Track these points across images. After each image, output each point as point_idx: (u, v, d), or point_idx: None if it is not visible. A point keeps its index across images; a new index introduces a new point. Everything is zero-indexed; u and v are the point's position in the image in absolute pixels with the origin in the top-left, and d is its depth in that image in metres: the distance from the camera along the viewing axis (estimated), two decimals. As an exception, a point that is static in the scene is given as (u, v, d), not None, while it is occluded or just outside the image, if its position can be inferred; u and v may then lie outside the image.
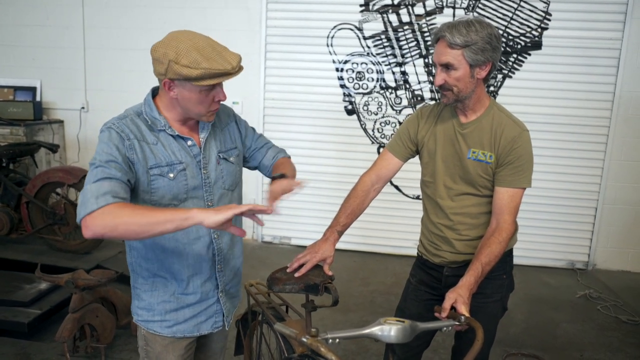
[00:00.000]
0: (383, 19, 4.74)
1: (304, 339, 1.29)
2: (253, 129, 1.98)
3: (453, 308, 1.59)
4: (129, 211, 1.41)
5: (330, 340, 1.32)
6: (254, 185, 5.15)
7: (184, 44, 1.48)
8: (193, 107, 1.56)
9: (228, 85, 5.63)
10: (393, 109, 4.88)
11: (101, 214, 1.39)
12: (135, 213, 1.41)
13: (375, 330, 1.35)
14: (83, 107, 5.32)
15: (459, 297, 1.61)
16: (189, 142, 1.63)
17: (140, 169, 1.55)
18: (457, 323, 1.51)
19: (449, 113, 1.96)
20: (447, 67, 1.79)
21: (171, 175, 1.59)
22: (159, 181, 1.57)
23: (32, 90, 5.35)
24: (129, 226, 1.40)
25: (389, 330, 1.35)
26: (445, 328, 1.52)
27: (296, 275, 1.72)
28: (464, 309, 1.57)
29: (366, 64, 4.83)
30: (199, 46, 1.49)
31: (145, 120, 1.59)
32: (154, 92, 1.65)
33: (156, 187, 1.58)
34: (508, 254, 2.01)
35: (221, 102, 1.69)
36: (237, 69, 1.53)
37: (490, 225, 1.87)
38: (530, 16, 4.57)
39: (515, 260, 2.10)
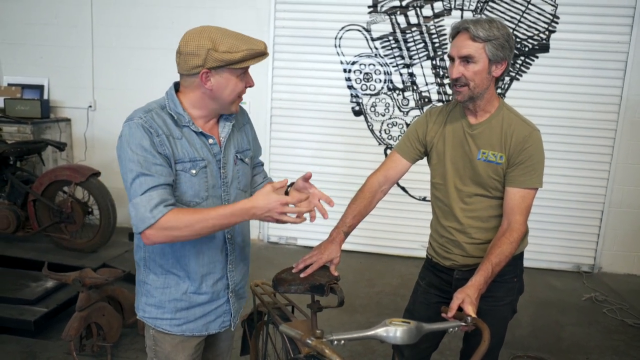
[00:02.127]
0: (391, 21, 4.74)
1: (309, 341, 1.28)
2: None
3: (460, 309, 1.58)
4: (188, 217, 1.48)
5: (335, 342, 1.32)
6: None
7: (215, 33, 1.52)
8: (228, 95, 1.57)
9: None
10: (400, 111, 4.88)
11: (160, 227, 1.46)
12: (193, 218, 1.48)
13: (381, 331, 1.35)
14: (90, 106, 5.34)
15: (466, 298, 1.59)
16: (211, 141, 1.64)
17: (171, 164, 1.55)
18: (463, 324, 1.49)
19: (458, 114, 1.95)
20: (467, 60, 1.78)
21: (193, 171, 1.59)
22: (182, 177, 1.57)
23: (40, 88, 5.38)
24: (189, 232, 1.49)
25: (395, 331, 1.34)
26: (452, 329, 1.51)
27: (302, 275, 1.72)
28: (470, 310, 1.55)
29: (374, 65, 4.83)
30: (229, 33, 1.53)
31: (169, 114, 1.59)
32: (176, 88, 1.65)
33: (178, 183, 1.58)
34: (519, 257, 2.00)
35: (240, 106, 1.75)
36: (267, 50, 1.58)
37: (502, 225, 1.86)
38: (538, 19, 4.55)
39: (522, 263, 2.09)
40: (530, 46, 4.61)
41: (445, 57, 4.28)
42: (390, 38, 4.77)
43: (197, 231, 1.49)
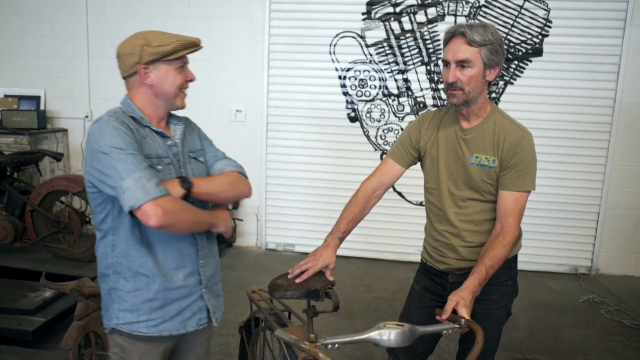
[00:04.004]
0: (385, 27, 4.77)
1: (303, 345, 1.29)
2: (211, 141, 1.99)
3: (455, 311, 1.59)
4: (186, 206, 1.61)
5: (330, 346, 1.33)
6: (257, 191, 5.17)
7: (147, 33, 1.66)
8: (169, 88, 1.67)
9: (231, 92, 5.67)
10: (396, 116, 4.90)
11: (167, 203, 1.52)
12: (189, 209, 1.62)
13: (374, 334, 1.36)
14: (87, 116, 5.36)
15: (460, 300, 1.60)
16: (169, 141, 1.72)
17: None
18: (457, 326, 1.51)
19: (451, 119, 1.97)
20: (462, 64, 1.80)
21: (160, 167, 1.65)
22: None
23: (37, 99, 5.39)
24: (187, 222, 1.62)
25: (389, 334, 1.35)
26: (445, 331, 1.52)
27: (297, 281, 1.74)
28: (464, 312, 1.56)
29: (369, 71, 4.86)
30: (162, 32, 1.68)
31: (131, 117, 1.65)
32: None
33: None
34: (513, 260, 2.01)
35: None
36: (200, 44, 1.71)
37: (495, 228, 1.87)
38: (531, 23, 4.59)
39: (519, 266, 2.10)
40: (523, 50, 4.64)
41: (440, 62, 4.32)
42: (385, 44, 4.80)
43: (190, 225, 1.64)
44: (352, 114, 4.96)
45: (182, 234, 1.69)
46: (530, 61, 4.66)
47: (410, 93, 4.85)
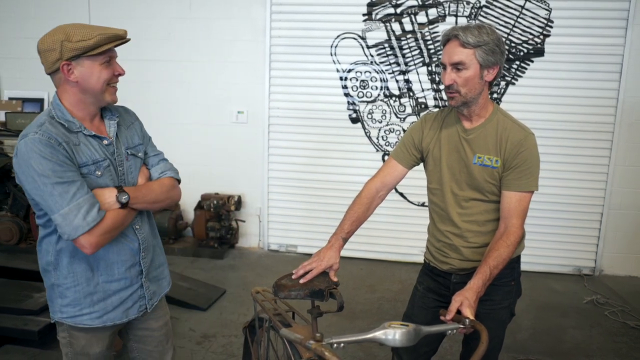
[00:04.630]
0: (386, 28, 4.78)
1: (309, 344, 1.30)
2: (150, 138, 1.97)
3: (459, 311, 1.60)
4: (119, 221, 1.66)
5: (335, 345, 1.34)
6: (259, 192, 5.18)
7: (68, 27, 1.57)
8: (95, 84, 1.60)
9: (232, 94, 5.67)
10: (397, 117, 4.91)
11: (101, 232, 1.59)
12: (122, 220, 1.67)
13: (380, 334, 1.36)
14: (90, 118, 5.37)
15: (465, 300, 1.61)
16: (105, 141, 1.70)
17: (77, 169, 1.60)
18: (461, 326, 1.51)
19: (453, 119, 1.97)
20: (457, 67, 1.80)
21: (98, 173, 1.64)
22: (88, 180, 1.62)
23: (40, 101, 5.42)
24: (120, 230, 1.69)
25: (394, 333, 1.36)
26: (450, 331, 1.52)
27: (301, 281, 1.74)
28: (469, 312, 1.57)
29: (370, 72, 4.87)
30: (84, 25, 1.59)
31: (60, 124, 1.61)
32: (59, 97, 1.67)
33: (88, 186, 1.62)
34: (516, 261, 2.01)
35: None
36: (127, 36, 1.66)
37: (499, 229, 1.87)
38: (533, 23, 4.59)
39: (522, 267, 2.10)
40: (525, 50, 4.64)
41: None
42: (386, 45, 4.81)
43: (123, 228, 1.70)
44: (354, 115, 4.97)
45: (125, 230, 1.74)
46: (532, 61, 4.66)
47: (411, 94, 4.85)
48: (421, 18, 4.72)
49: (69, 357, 1.81)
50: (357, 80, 4.90)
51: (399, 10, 4.74)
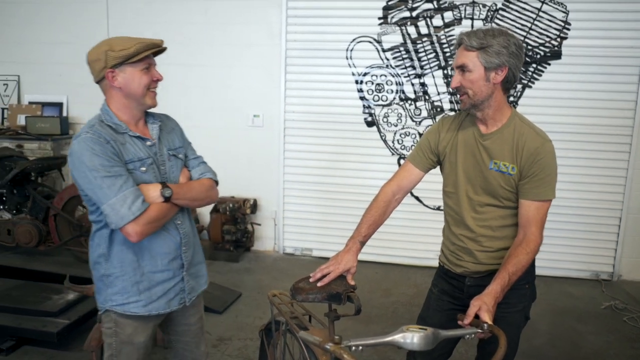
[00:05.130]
0: (402, 31, 4.78)
1: (328, 346, 1.31)
2: (190, 143, 2.16)
3: (477, 316, 1.59)
4: (163, 213, 1.82)
5: (354, 348, 1.34)
6: (275, 195, 5.21)
7: (112, 39, 1.80)
8: (136, 88, 1.79)
9: (248, 98, 5.71)
10: (413, 120, 4.90)
11: (144, 222, 1.73)
12: (165, 212, 1.83)
13: (398, 337, 1.37)
14: (108, 122, 5.44)
15: (483, 305, 1.61)
16: (148, 142, 1.88)
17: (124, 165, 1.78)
18: (479, 331, 1.51)
19: (470, 123, 1.97)
20: (462, 69, 1.83)
21: (143, 169, 1.82)
22: (134, 175, 1.79)
23: (59, 105, 5.51)
24: (165, 221, 1.85)
25: (412, 337, 1.36)
26: (468, 336, 1.52)
27: (319, 284, 1.75)
28: (487, 317, 1.57)
29: (385, 76, 4.87)
30: (126, 37, 1.80)
31: (108, 126, 1.79)
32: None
33: (134, 181, 1.79)
34: (531, 264, 2.00)
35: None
36: (163, 45, 1.85)
37: (518, 236, 1.87)
38: (550, 26, 4.56)
39: (539, 271, 2.09)
40: (542, 53, 4.61)
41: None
42: (401, 49, 4.81)
43: (168, 219, 1.85)
44: (369, 119, 4.97)
45: (165, 226, 1.88)
46: (549, 64, 4.62)
47: (427, 97, 4.85)
48: (437, 21, 4.72)
49: (112, 348, 1.92)
50: (372, 83, 4.91)
51: (414, 14, 4.74)
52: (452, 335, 1.50)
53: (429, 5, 4.71)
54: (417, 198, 4.94)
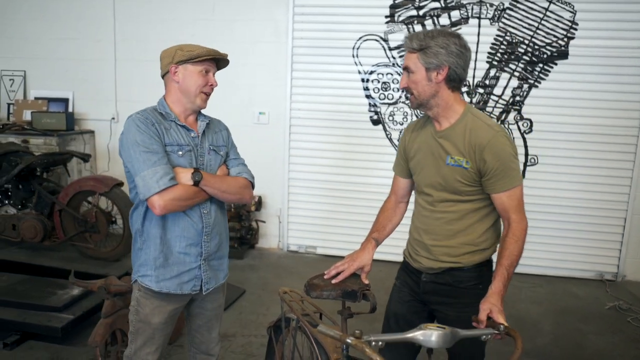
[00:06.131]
0: (408, 30, 4.77)
1: (349, 340, 1.31)
2: (236, 147, 2.30)
3: (489, 318, 1.62)
4: (188, 194, 1.92)
5: (374, 343, 1.35)
6: (280, 193, 5.21)
7: (183, 44, 2.03)
8: (191, 86, 1.98)
9: (254, 95, 5.71)
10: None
11: (169, 197, 1.85)
12: (191, 196, 1.94)
13: (418, 334, 1.38)
14: (113, 118, 5.45)
15: (493, 307, 1.64)
16: (192, 134, 2.04)
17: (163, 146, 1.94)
18: (496, 332, 1.53)
19: (429, 123, 2.01)
20: (407, 70, 1.90)
21: (180, 153, 1.98)
22: (171, 157, 1.95)
23: (65, 101, 5.51)
24: (189, 206, 1.97)
25: (431, 335, 1.37)
26: (485, 336, 1.53)
27: (333, 282, 1.76)
28: (501, 318, 1.60)
29: (392, 74, 4.87)
30: (196, 44, 2.04)
31: (160, 113, 2.01)
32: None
33: (170, 162, 1.94)
34: (484, 264, 2.00)
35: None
36: (226, 57, 2.07)
37: (504, 228, 1.91)
38: (557, 26, 4.56)
39: (543, 271, 2.10)
40: (548, 53, 4.61)
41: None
42: (409, 47, 4.80)
43: (192, 205, 1.96)
44: (375, 117, 4.97)
45: (191, 212, 2.00)
46: (556, 64, 4.62)
47: (433, 96, 4.83)
48: (444, 20, 4.71)
49: (132, 325, 2.07)
50: (378, 82, 4.90)
51: (421, 13, 4.73)
52: (470, 335, 1.51)
53: (436, 5, 4.70)
54: (421, 197, 4.94)
